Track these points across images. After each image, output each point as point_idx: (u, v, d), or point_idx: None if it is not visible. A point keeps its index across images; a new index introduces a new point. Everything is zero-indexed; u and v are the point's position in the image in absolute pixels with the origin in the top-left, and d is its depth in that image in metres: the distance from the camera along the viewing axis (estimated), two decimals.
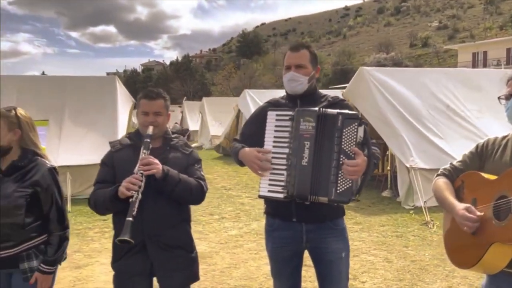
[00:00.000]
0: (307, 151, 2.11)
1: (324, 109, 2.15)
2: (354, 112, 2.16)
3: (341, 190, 2.06)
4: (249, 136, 2.40)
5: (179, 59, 77.49)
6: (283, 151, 2.15)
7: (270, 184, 2.16)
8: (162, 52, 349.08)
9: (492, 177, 1.88)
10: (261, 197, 2.22)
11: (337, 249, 2.31)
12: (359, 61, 61.42)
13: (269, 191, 2.16)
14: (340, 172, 2.06)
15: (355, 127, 2.07)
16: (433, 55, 61.85)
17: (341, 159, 2.06)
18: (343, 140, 2.07)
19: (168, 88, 50.76)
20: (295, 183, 2.11)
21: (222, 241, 5.67)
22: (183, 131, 23.20)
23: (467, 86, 8.61)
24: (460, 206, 1.88)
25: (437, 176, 2.15)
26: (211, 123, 19.66)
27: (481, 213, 1.82)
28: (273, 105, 2.37)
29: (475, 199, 1.91)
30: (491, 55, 42.94)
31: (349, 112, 2.13)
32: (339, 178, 2.06)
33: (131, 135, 2.44)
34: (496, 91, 2.14)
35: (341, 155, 2.06)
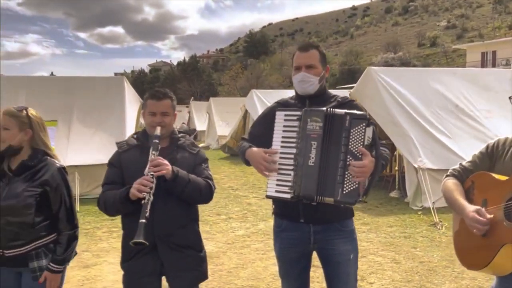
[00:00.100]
0: (313, 151, 2.09)
1: (332, 109, 2.13)
2: (362, 112, 2.13)
3: (347, 191, 2.03)
4: (257, 137, 2.39)
5: (186, 59, 77.51)
6: (291, 151, 2.13)
7: (277, 184, 2.14)
8: (170, 53, 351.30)
9: (502, 177, 1.86)
10: (269, 197, 2.20)
11: (345, 251, 2.29)
12: (366, 61, 61.07)
13: (276, 191, 2.15)
14: (347, 172, 2.03)
15: (363, 127, 2.04)
16: (442, 55, 61.35)
17: (348, 159, 2.04)
18: (350, 140, 2.05)
19: (175, 89, 50.91)
20: (302, 184, 2.09)
21: (229, 241, 5.67)
22: (190, 131, 23.25)
23: (476, 86, 8.53)
24: (471, 208, 1.86)
25: (446, 177, 2.13)
26: (218, 123, 19.69)
27: (491, 216, 1.80)
28: (282, 105, 2.36)
29: (485, 200, 1.89)
30: (500, 54, 42.47)
31: (357, 112, 2.10)
32: (346, 179, 2.04)
33: (138, 135, 2.44)
34: (505, 91, 2.12)
35: (348, 156, 2.04)
